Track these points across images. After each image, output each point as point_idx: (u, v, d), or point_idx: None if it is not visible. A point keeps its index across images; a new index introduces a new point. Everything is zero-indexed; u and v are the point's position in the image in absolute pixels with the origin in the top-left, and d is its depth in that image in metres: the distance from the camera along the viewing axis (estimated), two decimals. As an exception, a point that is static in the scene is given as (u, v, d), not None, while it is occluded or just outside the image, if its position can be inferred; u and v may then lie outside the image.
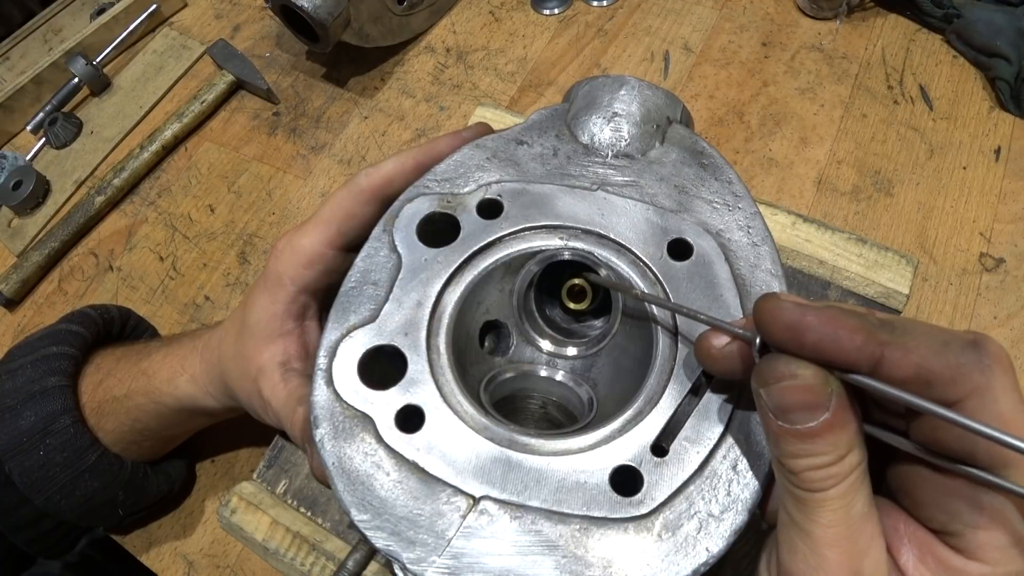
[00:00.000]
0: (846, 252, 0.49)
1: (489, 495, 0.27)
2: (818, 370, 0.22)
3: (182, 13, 0.84)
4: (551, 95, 0.69)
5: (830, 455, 0.22)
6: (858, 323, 0.22)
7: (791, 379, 0.22)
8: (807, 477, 0.22)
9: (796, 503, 0.23)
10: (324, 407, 0.30)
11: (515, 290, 0.35)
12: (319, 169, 0.69)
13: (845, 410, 0.22)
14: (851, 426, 0.22)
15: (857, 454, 0.22)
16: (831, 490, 0.22)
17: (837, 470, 0.22)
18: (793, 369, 0.22)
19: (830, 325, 0.22)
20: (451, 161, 0.36)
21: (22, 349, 0.45)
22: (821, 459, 0.22)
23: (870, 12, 0.68)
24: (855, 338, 0.21)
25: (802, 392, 0.22)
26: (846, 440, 0.22)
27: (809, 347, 0.22)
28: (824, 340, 0.22)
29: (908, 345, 0.21)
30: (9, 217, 0.71)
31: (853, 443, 0.22)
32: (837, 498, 0.22)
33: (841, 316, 0.22)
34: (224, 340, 0.41)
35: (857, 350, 0.21)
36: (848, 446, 0.22)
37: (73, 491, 0.43)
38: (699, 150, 0.35)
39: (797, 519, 0.23)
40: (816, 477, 0.22)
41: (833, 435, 0.22)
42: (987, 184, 0.58)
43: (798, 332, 0.22)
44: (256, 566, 0.49)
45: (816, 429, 0.22)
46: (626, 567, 0.26)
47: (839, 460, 0.22)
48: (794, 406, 0.22)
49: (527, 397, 0.37)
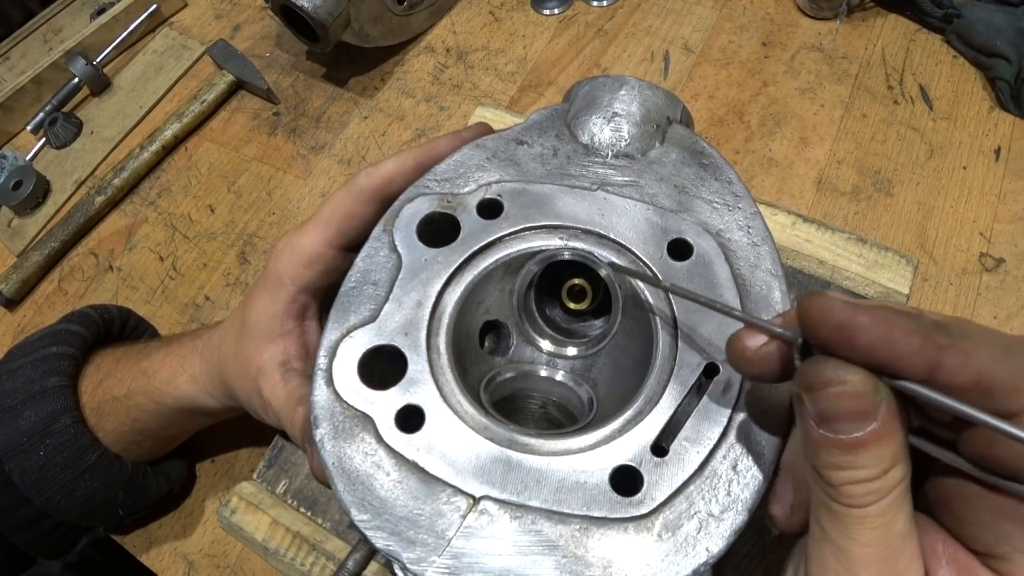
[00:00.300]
0: (846, 252, 0.49)
1: (489, 495, 0.27)
2: (868, 375, 0.20)
3: (182, 13, 0.84)
4: (551, 95, 0.69)
5: (874, 469, 0.20)
6: (914, 325, 0.20)
7: (840, 385, 0.20)
8: (847, 491, 0.21)
9: (832, 517, 0.21)
10: (324, 407, 0.30)
11: (515, 290, 0.35)
12: (319, 169, 0.69)
13: (894, 420, 0.20)
14: (898, 438, 0.20)
15: (901, 468, 0.21)
16: (872, 507, 0.20)
17: (879, 485, 0.20)
18: (842, 374, 0.20)
19: (884, 326, 0.20)
20: (451, 161, 0.36)
21: (22, 349, 0.45)
22: (864, 472, 0.20)
23: (870, 12, 0.68)
24: (911, 341, 0.20)
25: (850, 399, 0.20)
26: (891, 453, 0.20)
27: (861, 350, 0.20)
28: (877, 343, 0.20)
29: (968, 350, 0.19)
30: (9, 217, 0.71)
31: (898, 456, 0.20)
32: (877, 515, 0.20)
33: (895, 317, 0.20)
34: (224, 340, 0.41)
35: (914, 354, 0.20)
36: (893, 459, 0.20)
37: (73, 491, 0.43)
38: (699, 150, 0.35)
39: (832, 535, 0.21)
40: (857, 492, 0.20)
41: (879, 447, 0.20)
42: (987, 184, 0.58)
43: (849, 333, 0.20)
44: (256, 566, 0.49)
45: (862, 440, 0.20)
46: (626, 567, 0.26)
47: (883, 474, 0.20)
48: (841, 414, 0.20)
49: (527, 397, 0.37)
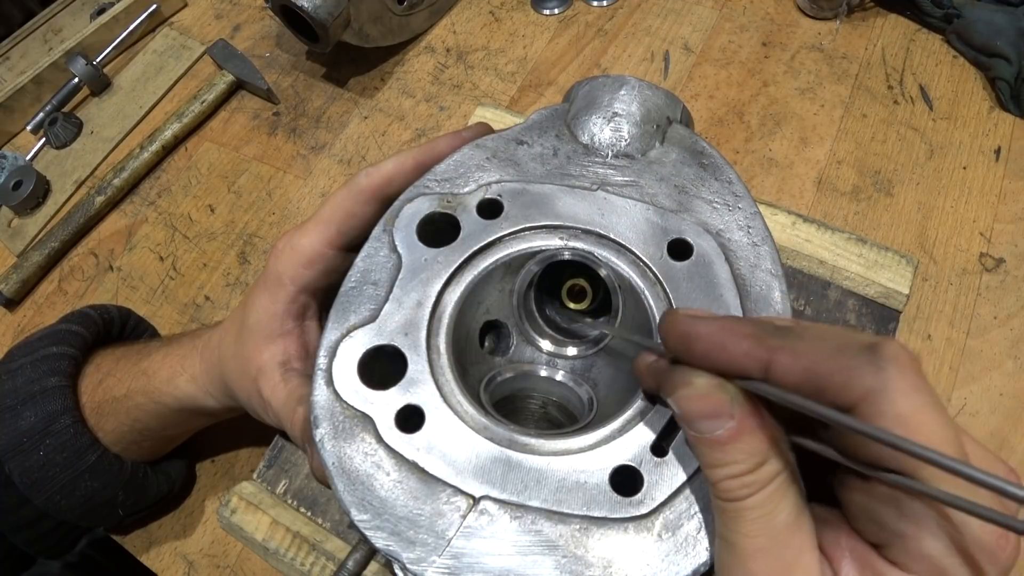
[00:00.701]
0: (846, 252, 0.49)
1: (489, 495, 0.27)
2: (712, 378, 0.22)
3: (182, 13, 0.84)
4: (551, 95, 0.69)
5: (745, 463, 0.22)
6: (749, 330, 0.22)
7: (686, 387, 0.23)
8: (724, 487, 0.22)
9: (720, 514, 0.23)
10: (324, 407, 0.30)
11: (515, 290, 0.35)
12: (319, 169, 0.69)
13: (752, 417, 0.22)
14: (762, 433, 0.22)
15: (775, 463, 0.22)
16: (749, 499, 0.22)
17: (754, 478, 0.21)
18: (688, 377, 0.23)
19: (719, 333, 0.22)
20: (451, 161, 0.36)
21: (22, 349, 0.45)
22: (736, 467, 0.22)
23: (870, 12, 0.68)
24: (742, 344, 0.22)
25: (699, 400, 0.22)
26: (759, 448, 0.22)
27: (699, 355, 0.23)
28: (712, 348, 0.22)
29: (798, 349, 0.21)
30: (9, 217, 0.71)
31: (768, 452, 0.22)
32: (756, 507, 0.21)
33: (733, 324, 0.22)
34: (224, 340, 0.41)
35: (744, 355, 0.22)
36: (763, 455, 0.22)
37: (73, 491, 0.43)
38: (699, 150, 0.35)
39: (722, 531, 0.23)
40: (732, 486, 0.22)
41: (743, 443, 0.22)
42: (987, 184, 0.58)
43: (688, 341, 0.23)
44: (256, 566, 0.49)
45: (723, 437, 0.22)
46: (626, 567, 0.26)
47: (756, 468, 0.21)
48: (696, 414, 0.22)
49: (527, 397, 0.37)
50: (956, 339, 0.52)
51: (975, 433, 0.48)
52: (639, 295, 0.32)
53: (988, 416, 0.49)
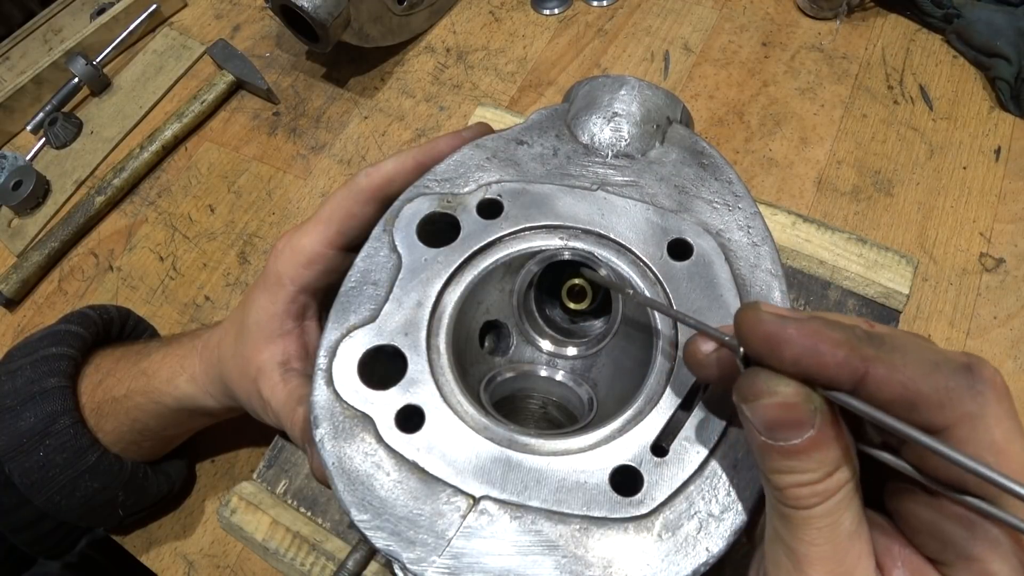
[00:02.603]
0: (846, 252, 0.49)
1: (489, 495, 0.27)
2: (800, 387, 0.21)
3: (182, 13, 0.84)
4: (551, 95, 0.69)
5: (816, 472, 0.21)
6: (842, 336, 0.21)
7: (771, 396, 0.21)
8: (792, 494, 0.21)
9: (782, 519, 0.22)
10: (324, 407, 0.30)
11: (515, 290, 0.35)
12: (319, 169, 0.69)
13: (831, 427, 0.21)
14: (838, 443, 0.21)
15: (845, 472, 0.21)
16: (816, 508, 0.21)
17: (823, 488, 0.21)
18: (773, 386, 0.21)
19: (811, 338, 0.21)
20: (451, 161, 0.36)
21: (21, 350, 0.45)
22: (807, 476, 0.21)
23: (870, 12, 0.68)
24: (837, 353, 0.20)
25: (783, 409, 0.21)
26: (833, 458, 0.21)
27: (789, 361, 0.21)
28: (804, 355, 0.21)
29: (895, 363, 0.20)
30: (9, 217, 0.71)
31: (841, 461, 0.21)
32: (823, 516, 0.21)
33: (824, 329, 0.21)
34: (223, 340, 0.41)
35: (839, 366, 0.20)
36: (835, 464, 0.21)
37: (73, 492, 0.43)
38: (699, 150, 0.35)
39: (783, 535, 0.22)
40: (801, 495, 0.21)
41: (819, 452, 0.21)
42: (987, 184, 0.58)
43: (777, 345, 0.21)
44: (256, 566, 0.49)
45: (801, 446, 0.21)
46: (626, 567, 0.26)
47: (826, 478, 0.21)
48: (777, 423, 0.21)
49: (527, 397, 0.37)
50: (956, 339, 0.52)
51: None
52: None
53: (988, 416, 0.49)
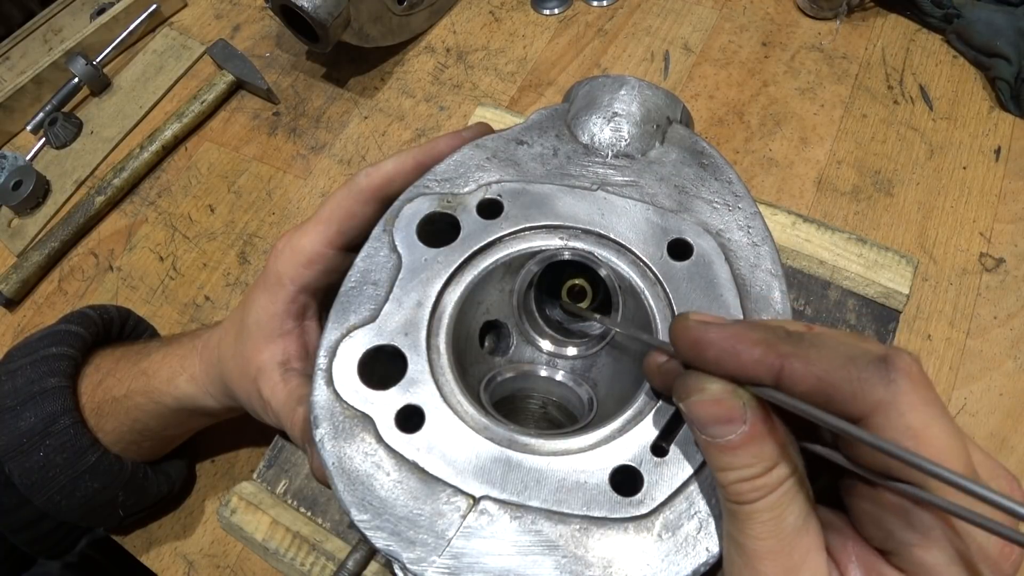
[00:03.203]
0: (846, 252, 0.49)
1: (489, 495, 0.27)
2: (726, 384, 0.23)
3: (182, 13, 0.84)
4: (551, 95, 0.69)
5: (755, 467, 0.22)
6: (760, 336, 0.22)
7: (699, 393, 0.23)
8: (735, 490, 0.22)
9: (730, 516, 0.23)
10: (324, 407, 0.30)
11: (515, 290, 0.35)
12: (319, 169, 0.69)
13: (763, 423, 0.22)
14: (773, 439, 0.22)
15: (785, 467, 0.22)
16: (759, 502, 0.22)
17: (764, 482, 0.22)
18: (701, 384, 0.23)
19: (730, 340, 0.22)
20: (451, 161, 0.36)
21: (21, 350, 0.45)
22: (747, 471, 0.22)
23: (870, 12, 0.68)
24: (753, 351, 0.22)
25: (712, 406, 0.23)
26: (769, 453, 0.22)
27: (712, 362, 0.23)
28: (723, 355, 0.23)
29: (810, 358, 0.21)
30: (9, 217, 0.71)
31: (778, 457, 0.22)
32: (766, 510, 0.22)
33: (744, 331, 0.23)
34: (223, 340, 0.41)
35: (756, 362, 0.22)
36: (773, 458, 0.22)
37: (73, 492, 0.43)
38: (699, 150, 0.35)
39: (732, 532, 0.23)
40: (743, 489, 0.22)
41: (755, 447, 0.22)
42: (987, 184, 0.58)
43: (700, 348, 0.23)
44: (256, 566, 0.49)
45: (736, 442, 0.22)
46: (626, 567, 0.26)
47: (766, 472, 0.22)
48: (709, 419, 0.23)
49: (527, 397, 0.37)
50: (956, 339, 0.52)
51: (975, 433, 0.48)
52: (639, 295, 0.32)
53: (988, 416, 0.49)
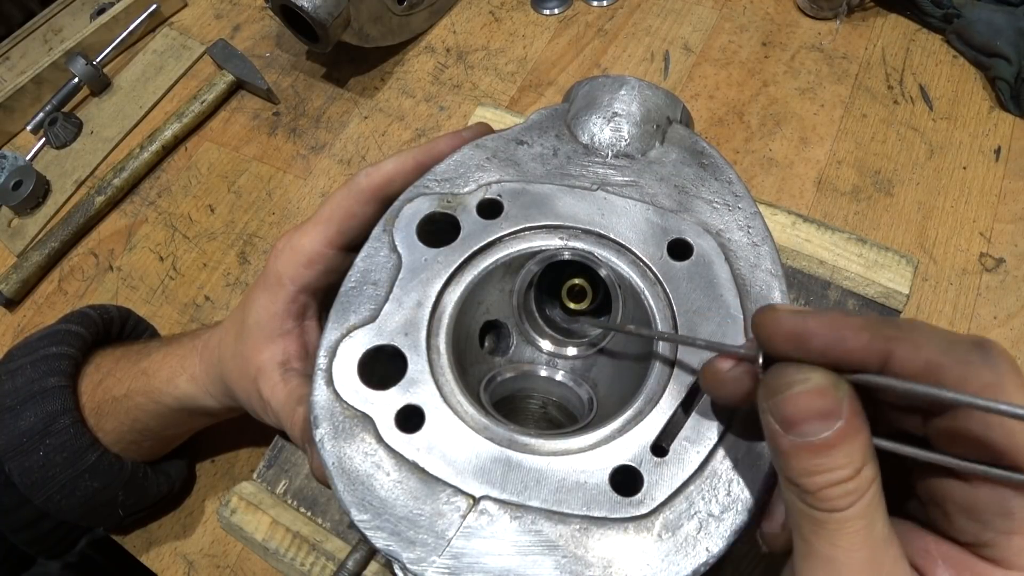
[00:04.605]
0: (846, 252, 0.49)
1: (489, 495, 0.27)
2: (828, 372, 0.21)
3: (182, 13, 0.84)
4: (551, 95, 0.69)
5: (847, 468, 0.21)
6: (863, 322, 0.21)
7: (802, 383, 0.21)
8: (826, 495, 0.21)
9: (814, 527, 0.21)
10: (324, 407, 0.30)
11: (515, 290, 0.35)
12: (319, 169, 0.69)
13: (857, 416, 0.21)
14: (864, 434, 0.21)
15: (872, 467, 0.21)
16: (851, 508, 0.21)
17: (855, 485, 0.21)
18: (804, 374, 0.22)
19: (833, 327, 0.21)
20: (451, 161, 0.36)
21: (22, 350, 0.45)
22: (839, 473, 0.21)
23: (870, 12, 0.68)
24: (861, 336, 0.21)
25: (814, 397, 0.21)
26: (860, 450, 0.21)
27: (816, 352, 0.22)
28: (830, 343, 0.21)
29: (918, 340, 0.21)
30: (9, 217, 0.71)
31: (867, 454, 0.21)
32: (858, 517, 0.21)
33: (844, 318, 0.22)
34: (223, 340, 0.41)
35: (864, 348, 0.21)
36: (863, 457, 0.21)
37: (73, 491, 0.43)
38: (699, 150, 0.35)
39: (817, 546, 0.21)
40: (835, 494, 0.21)
41: (848, 445, 0.21)
42: (987, 184, 0.58)
43: (803, 338, 0.22)
44: (256, 566, 0.49)
45: (831, 439, 0.21)
46: (626, 567, 0.26)
47: (856, 474, 0.21)
48: (806, 413, 0.21)
49: (527, 397, 0.37)
50: (956, 339, 0.52)
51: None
52: (639, 295, 0.32)
53: (988, 416, 0.49)
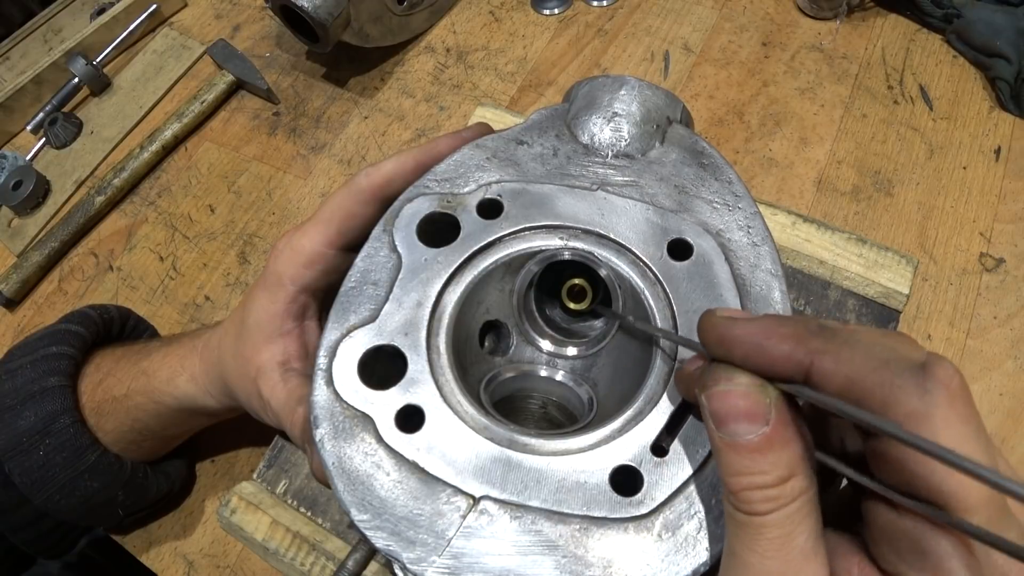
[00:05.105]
0: (846, 252, 0.49)
1: (489, 495, 0.27)
2: (754, 377, 0.22)
3: (182, 13, 0.84)
4: (551, 95, 0.69)
5: (771, 475, 0.21)
6: (790, 331, 0.21)
7: (727, 383, 0.22)
8: (746, 497, 0.21)
9: (735, 528, 0.22)
10: (324, 407, 0.30)
11: (515, 290, 0.35)
12: (319, 169, 0.69)
13: (786, 427, 0.21)
14: (794, 447, 0.21)
15: (801, 481, 0.21)
16: (771, 515, 0.21)
17: (778, 493, 0.21)
18: (729, 373, 0.22)
19: (758, 335, 0.22)
20: (451, 161, 0.36)
21: (22, 349, 0.45)
22: (762, 478, 0.21)
23: (870, 12, 0.68)
24: (782, 347, 0.21)
25: (739, 398, 0.22)
26: (788, 461, 0.21)
27: (739, 358, 0.22)
28: (752, 351, 0.22)
29: (842, 356, 0.20)
30: (9, 217, 0.71)
31: (797, 468, 0.21)
32: (776, 526, 0.21)
33: (773, 325, 0.22)
34: (224, 340, 0.41)
35: (784, 358, 0.21)
36: (791, 469, 0.21)
37: (73, 491, 0.43)
38: (699, 150, 0.35)
39: (735, 547, 0.22)
40: (756, 498, 0.21)
41: (774, 452, 0.21)
42: (987, 184, 0.58)
43: (728, 344, 0.23)
44: (256, 566, 0.49)
45: (756, 443, 0.21)
46: (626, 567, 0.26)
47: (781, 482, 0.21)
48: (731, 413, 0.22)
49: (527, 397, 0.37)
50: (956, 339, 0.52)
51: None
52: (639, 295, 0.32)
53: (988, 416, 0.49)
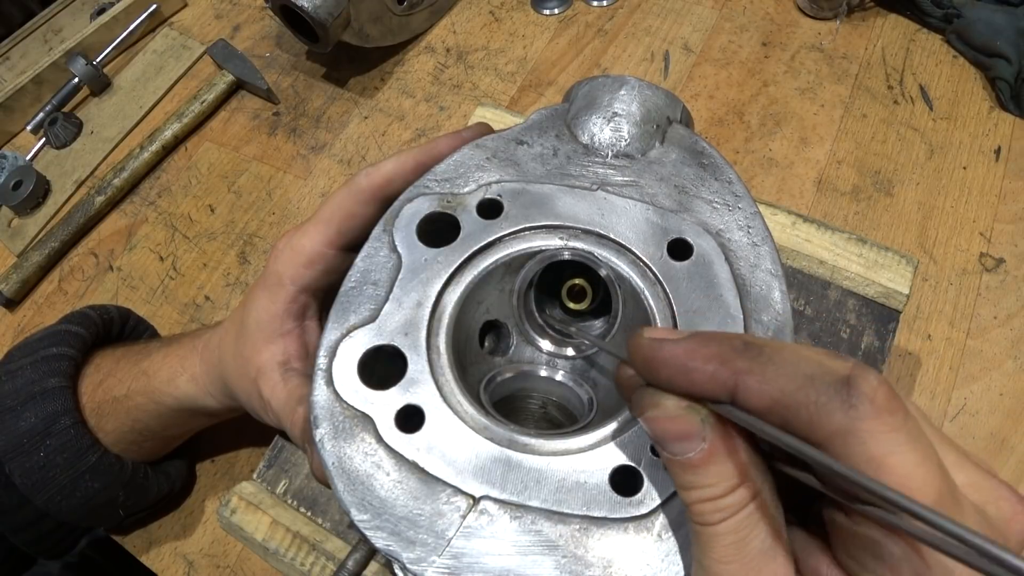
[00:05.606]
0: (846, 252, 0.49)
1: (489, 495, 0.27)
2: (680, 400, 0.22)
3: (182, 13, 0.84)
4: (551, 95, 0.69)
5: (717, 487, 0.21)
6: (714, 351, 0.21)
7: (654, 408, 0.22)
8: (697, 510, 0.21)
9: (695, 538, 0.22)
10: (324, 407, 0.30)
11: (515, 290, 0.35)
12: (319, 169, 0.69)
13: (726, 439, 0.21)
14: (737, 457, 0.21)
15: (750, 487, 0.21)
16: (722, 524, 0.21)
17: (727, 502, 0.21)
18: (656, 399, 0.22)
19: (682, 356, 0.22)
20: (451, 161, 0.36)
21: (22, 350, 0.45)
22: (709, 491, 0.21)
23: (870, 12, 0.68)
24: (706, 367, 0.21)
25: (668, 422, 0.22)
26: (731, 472, 0.21)
27: (664, 381, 0.22)
28: (676, 373, 0.22)
29: (766, 375, 0.20)
30: (9, 217, 0.71)
31: (744, 475, 0.21)
32: (729, 533, 0.21)
33: (698, 346, 0.22)
34: (224, 340, 0.41)
35: (709, 379, 0.21)
36: (735, 479, 0.21)
37: (73, 492, 0.43)
38: (699, 150, 0.35)
39: (698, 555, 0.22)
40: (706, 510, 0.21)
41: (716, 466, 0.21)
42: (987, 184, 0.58)
43: (652, 366, 0.22)
44: (256, 566, 0.49)
45: (695, 460, 0.21)
46: (626, 567, 0.26)
47: (728, 492, 0.21)
48: (665, 436, 0.22)
49: (527, 397, 0.37)
50: (956, 339, 0.52)
51: (975, 433, 0.48)
52: (639, 295, 0.32)
53: (988, 416, 0.49)
